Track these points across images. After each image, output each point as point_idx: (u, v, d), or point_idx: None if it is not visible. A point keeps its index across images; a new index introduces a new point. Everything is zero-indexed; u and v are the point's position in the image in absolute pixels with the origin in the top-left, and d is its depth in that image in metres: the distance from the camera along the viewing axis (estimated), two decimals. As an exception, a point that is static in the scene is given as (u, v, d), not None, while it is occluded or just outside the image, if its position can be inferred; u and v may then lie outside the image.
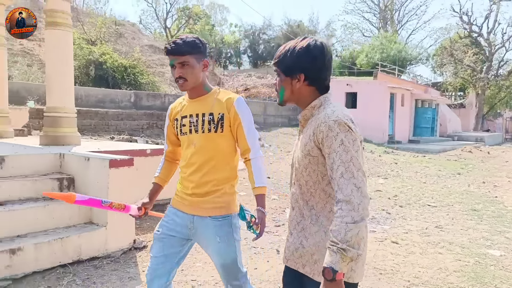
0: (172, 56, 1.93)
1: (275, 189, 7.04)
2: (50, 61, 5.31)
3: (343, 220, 1.26)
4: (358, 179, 1.31)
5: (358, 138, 1.38)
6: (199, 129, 1.97)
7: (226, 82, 24.27)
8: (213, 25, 38.69)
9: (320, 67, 1.47)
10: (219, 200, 1.99)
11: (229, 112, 1.97)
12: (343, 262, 1.25)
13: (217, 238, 1.95)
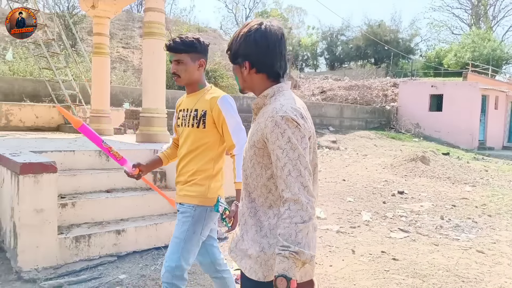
0: (170, 53, 2.11)
1: (349, 192, 7.00)
2: (146, 67, 5.93)
3: (292, 220, 1.19)
4: (305, 178, 1.24)
5: (307, 134, 1.31)
6: (187, 123, 2.16)
7: (302, 85, 24.33)
8: (290, 28, 39.01)
9: (264, 53, 1.37)
10: (190, 189, 2.14)
11: (212, 110, 2.08)
12: (296, 268, 1.18)
13: (180, 222, 2.14)
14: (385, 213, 5.64)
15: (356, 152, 13.11)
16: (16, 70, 11.65)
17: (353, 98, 20.75)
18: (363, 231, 4.78)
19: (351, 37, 36.34)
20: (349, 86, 22.04)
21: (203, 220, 2.14)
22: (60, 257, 3.21)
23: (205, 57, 2.18)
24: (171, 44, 2.08)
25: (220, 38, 29.04)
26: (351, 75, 27.49)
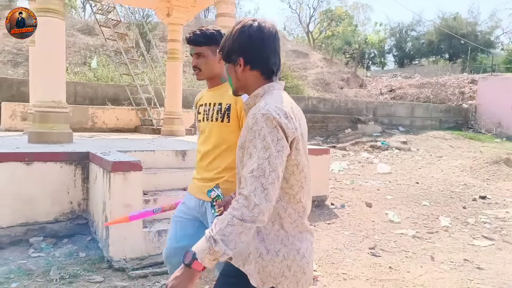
0: (190, 46, 2.03)
1: (424, 195, 6.65)
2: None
3: (232, 212, 1.16)
4: (268, 180, 1.18)
5: (291, 135, 1.25)
6: (209, 118, 2.06)
7: (369, 84, 23.56)
8: (356, 25, 37.94)
9: (258, 47, 1.35)
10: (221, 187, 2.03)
11: (236, 104, 1.98)
12: (208, 255, 1.15)
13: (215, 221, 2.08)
14: (466, 219, 5.27)
15: (430, 153, 12.40)
16: (100, 77, 12.72)
17: (426, 97, 19.64)
18: (442, 237, 4.52)
19: (422, 32, 34.43)
20: (421, 83, 20.89)
21: None
22: (144, 249, 3.46)
23: None
24: (191, 36, 2.01)
25: (284, 39, 29.11)
26: (422, 72, 26.01)
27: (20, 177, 3.76)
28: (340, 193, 6.64)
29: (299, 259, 1.33)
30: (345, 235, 4.47)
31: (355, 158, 11.22)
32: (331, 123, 14.73)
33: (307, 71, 22.32)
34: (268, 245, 1.32)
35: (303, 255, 1.35)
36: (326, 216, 5.25)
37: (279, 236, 1.34)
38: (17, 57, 15.42)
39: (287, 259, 1.32)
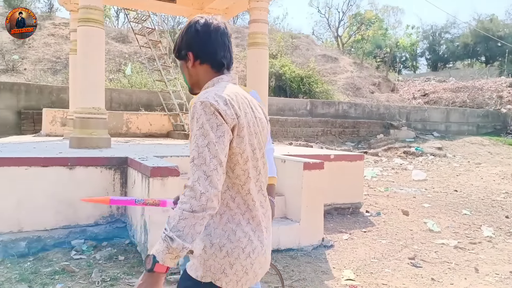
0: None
1: (464, 204, 6.39)
2: (250, 75, 6.18)
3: (181, 206, 1.14)
4: (210, 167, 1.17)
5: (231, 121, 1.23)
6: None
7: (401, 88, 23.03)
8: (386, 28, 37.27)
9: (205, 41, 1.37)
10: None
11: None
12: (168, 254, 1.12)
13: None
14: (509, 229, 5.02)
15: (467, 160, 11.94)
16: (134, 83, 13.08)
17: (461, 101, 18.98)
18: (485, 247, 4.32)
19: (457, 34, 33.37)
20: (456, 87, 20.21)
21: None
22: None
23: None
24: None
25: (313, 44, 28.97)
26: (457, 75, 25.17)
27: (63, 181, 3.89)
28: (374, 200, 6.49)
29: (243, 258, 1.30)
30: (383, 244, 4.35)
31: (388, 164, 10.95)
32: (363, 128, 14.47)
33: (336, 75, 22.08)
34: (214, 239, 1.30)
35: (249, 254, 1.31)
36: (362, 223, 5.14)
37: (227, 231, 1.31)
38: (56, 65, 16.10)
39: (230, 256, 1.29)
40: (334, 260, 3.85)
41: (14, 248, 3.54)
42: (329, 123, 13.89)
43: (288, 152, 5.55)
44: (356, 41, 33.79)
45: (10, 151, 4.30)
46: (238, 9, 8.02)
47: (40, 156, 3.90)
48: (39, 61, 16.10)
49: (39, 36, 18.14)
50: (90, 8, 4.86)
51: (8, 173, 3.61)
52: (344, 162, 5.56)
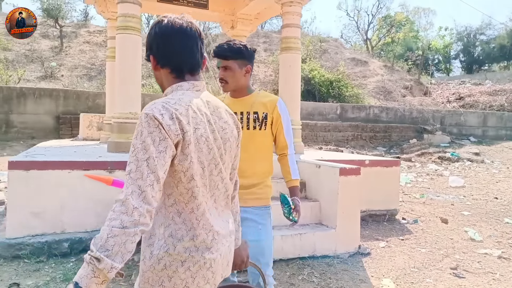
0: (218, 59, 2.09)
1: (506, 212, 6.11)
2: (283, 80, 6.15)
3: (110, 223, 1.04)
4: (146, 182, 1.09)
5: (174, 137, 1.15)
6: (244, 126, 2.15)
7: (434, 91, 22.39)
8: (418, 30, 36.39)
9: (164, 44, 1.28)
10: (261, 192, 2.18)
11: (273, 113, 2.16)
12: (94, 278, 0.99)
13: (258, 226, 2.15)
14: (558, 240, 4.75)
15: (506, 166, 11.44)
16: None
17: (499, 105, 18.25)
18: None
19: (492, 36, 32.14)
20: (493, 90, 19.45)
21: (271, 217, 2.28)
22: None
23: (252, 63, 2.17)
24: (218, 50, 2.09)
25: (341, 47, 28.67)
26: (494, 78, 24.21)
27: (103, 184, 3.99)
28: (410, 207, 6.31)
29: (182, 272, 1.24)
30: (422, 253, 4.21)
31: (422, 170, 10.64)
32: (395, 133, 14.14)
33: (366, 79, 21.73)
34: (154, 250, 1.25)
35: (188, 268, 1.25)
36: (398, 231, 5.00)
37: (168, 244, 1.25)
38: (91, 71, 16.68)
39: (168, 269, 1.24)
40: (372, 268, 3.75)
41: (58, 248, 3.66)
42: (359, 127, 13.66)
43: (321, 157, 5.48)
44: (386, 44, 33.17)
45: (53, 154, 4.46)
46: (269, 14, 8.03)
47: (82, 160, 4.03)
48: (75, 68, 16.74)
49: (75, 44, 18.88)
50: (128, 16, 5.00)
51: (53, 176, 3.75)
52: (379, 168, 5.44)
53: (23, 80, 13.56)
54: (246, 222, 2.16)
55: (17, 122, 10.42)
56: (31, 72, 15.18)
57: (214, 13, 7.95)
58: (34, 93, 10.67)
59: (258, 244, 2.16)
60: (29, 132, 10.47)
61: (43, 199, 3.71)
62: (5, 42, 16.73)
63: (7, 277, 3.18)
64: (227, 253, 1.38)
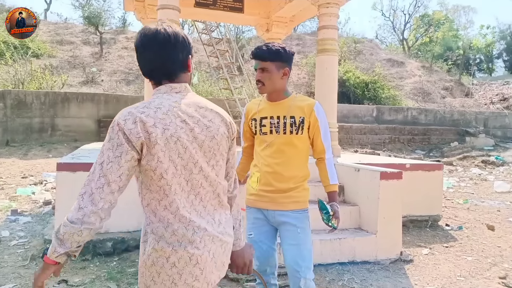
0: (256, 60, 2.09)
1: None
2: (319, 82, 6.08)
3: (67, 214, 1.21)
4: (97, 185, 1.19)
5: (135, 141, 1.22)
6: (281, 130, 2.13)
7: (476, 92, 21.45)
8: (457, 29, 35.04)
9: (140, 53, 1.35)
10: (298, 195, 2.16)
11: (310, 117, 2.12)
12: (52, 253, 1.22)
13: (298, 230, 2.14)
14: None
15: (557, 171, 10.75)
16: (200, 91, 13.58)
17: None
18: None
19: (539, 33, 30.44)
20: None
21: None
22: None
23: (289, 66, 2.13)
24: (257, 51, 2.09)
25: (377, 48, 28.06)
26: (542, 77, 22.89)
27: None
28: (453, 213, 6.06)
29: (168, 268, 1.29)
30: (468, 261, 4.02)
31: (465, 174, 10.20)
32: (434, 135, 13.65)
33: (403, 80, 21.14)
34: (147, 246, 1.31)
35: (174, 264, 1.29)
36: (442, 238, 4.81)
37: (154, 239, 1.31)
38: (129, 76, 17.24)
39: (156, 264, 1.29)
40: (415, 276, 3.62)
41: (102, 248, 3.78)
42: (397, 130, 13.29)
43: (359, 160, 5.37)
44: (423, 44, 32.15)
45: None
46: (305, 16, 7.98)
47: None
48: (114, 73, 17.36)
49: (114, 50, 19.58)
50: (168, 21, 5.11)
51: (97, 178, 3.88)
52: (421, 172, 5.26)
53: (66, 85, 14.21)
54: (285, 226, 2.16)
55: (61, 125, 10.93)
56: (73, 77, 15.89)
57: (250, 17, 7.99)
58: (77, 97, 11.15)
59: (297, 247, 2.15)
60: (72, 135, 10.95)
61: (89, 199, 3.85)
62: (50, 49, 17.62)
63: (56, 274, 3.32)
64: (221, 253, 1.38)
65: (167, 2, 5.16)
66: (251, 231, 2.24)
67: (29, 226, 4.57)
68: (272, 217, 2.17)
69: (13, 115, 10.44)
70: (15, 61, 13.24)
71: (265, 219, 2.20)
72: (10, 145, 10.22)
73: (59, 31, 20.66)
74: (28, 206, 5.43)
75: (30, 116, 10.62)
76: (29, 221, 4.76)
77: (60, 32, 20.47)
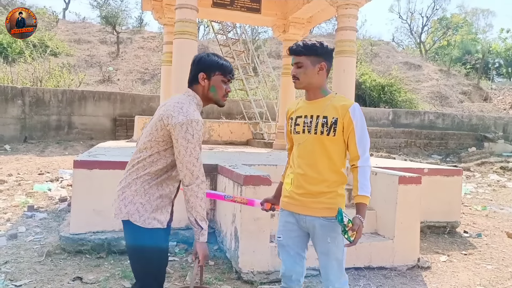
0: (291, 55, 2.07)
1: None
2: (336, 84, 6.01)
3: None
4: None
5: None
6: (312, 130, 2.03)
7: (495, 97, 21.01)
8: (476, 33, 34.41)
9: None
10: (331, 202, 2.01)
11: (343, 118, 1.98)
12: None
13: (327, 238, 2.01)
14: None
15: None
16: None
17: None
18: None
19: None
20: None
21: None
22: (271, 264, 3.44)
23: (327, 61, 2.05)
24: (292, 47, 2.07)
25: (393, 51, 27.73)
26: None
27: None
28: (471, 220, 5.91)
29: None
30: (488, 270, 3.91)
31: (483, 180, 9.97)
32: (451, 140, 13.39)
33: (420, 84, 20.84)
34: None
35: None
36: (460, 245, 4.69)
37: None
38: (144, 75, 17.39)
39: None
40: (433, 284, 3.53)
41: (116, 246, 3.78)
42: (413, 134, 13.09)
43: (376, 164, 5.27)
44: (441, 47, 31.66)
45: (113, 155, 4.65)
46: (322, 17, 7.92)
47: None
48: (129, 72, 17.54)
49: (130, 49, 19.80)
50: (185, 21, 5.12)
51: (114, 175, 3.87)
52: (439, 177, 5.14)
53: (83, 84, 14.41)
54: (315, 233, 2.06)
55: (78, 123, 11.07)
56: (90, 76, 16.11)
57: (267, 18, 7.97)
58: (94, 96, 11.29)
59: (327, 257, 2.05)
60: (88, 133, 11.08)
61: (104, 197, 3.84)
62: (68, 48, 17.90)
63: (71, 271, 3.34)
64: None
65: (185, 2, 5.17)
66: (280, 234, 2.15)
67: (45, 222, 4.62)
68: (303, 222, 2.07)
69: (31, 112, 10.62)
70: (34, 59, 13.47)
71: (296, 223, 2.10)
72: (28, 142, 10.39)
73: (77, 30, 20.99)
74: (44, 203, 5.50)
75: (48, 113, 10.78)
76: (45, 217, 4.81)
77: (78, 31, 20.80)
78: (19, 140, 10.35)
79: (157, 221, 1.88)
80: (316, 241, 2.08)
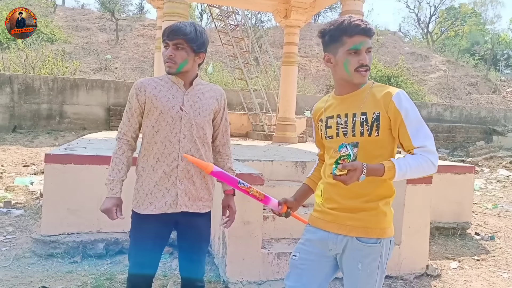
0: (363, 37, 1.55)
1: None
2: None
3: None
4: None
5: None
6: (349, 133, 1.59)
7: (504, 89, 20.44)
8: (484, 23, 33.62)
9: None
10: (371, 219, 1.59)
11: (388, 111, 1.53)
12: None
13: (358, 264, 1.58)
14: None
15: None
16: (215, 82, 13.17)
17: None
18: None
19: None
20: None
21: (389, 255, 1.64)
22: (262, 272, 3.09)
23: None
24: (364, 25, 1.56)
25: (400, 41, 27.11)
26: None
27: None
28: (482, 220, 5.52)
29: None
30: (505, 279, 3.53)
31: (492, 175, 9.55)
32: (459, 133, 12.92)
33: (427, 75, 20.29)
34: None
35: None
36: (472, 249, 4.31)
37: None
38: (144, 64, 16.97)
39: None
40: None
41: (93, 249, 3.43)
42: (419, 126, 12.65)
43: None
44: (448, 38, 30.95)
45: (95, 148, 4.27)
46: (327, 1, 7.46)
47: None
48: (129, 60, 17.11)
49: (130, 37, 19.34)
50: (175, 1, 4.69)
51: (91, 172, 3.52)
52: (449, 175, 4.74)
53: (79, 72, 13.99)
54: (345, 256, 1.62)
55: (70, 112, 10.67)
56: (87, 64, 15.68)
57: (267, 2, 7.52)
58: (87, 84, 10.87)
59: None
60: (81, 123, 10.70)
61: (80, 195, 3.49)
62: (65, 35, 17.46)
63: (38, 279, 2.98)
64: None
65: (178, -17, 4.75)
66: (297, 252, 1.72)
67: (20, 220, 4.26)
68: (333, 243, 1.63)
69: (21, 100, 10.20)
70: (27, 46, 13.05)
71: (321, 245, 1.67)
72: (16, 132, 10.01)
73: (75, 16, 20.52)
74: (24, 197, 5.14)
75: (38, 102, 10.37)
76: (22, 214, 4.46)
77: (76, 18, 20.34)
78: (7, 130, 9.96)
79: None
80: (343, 267, 1.65)
